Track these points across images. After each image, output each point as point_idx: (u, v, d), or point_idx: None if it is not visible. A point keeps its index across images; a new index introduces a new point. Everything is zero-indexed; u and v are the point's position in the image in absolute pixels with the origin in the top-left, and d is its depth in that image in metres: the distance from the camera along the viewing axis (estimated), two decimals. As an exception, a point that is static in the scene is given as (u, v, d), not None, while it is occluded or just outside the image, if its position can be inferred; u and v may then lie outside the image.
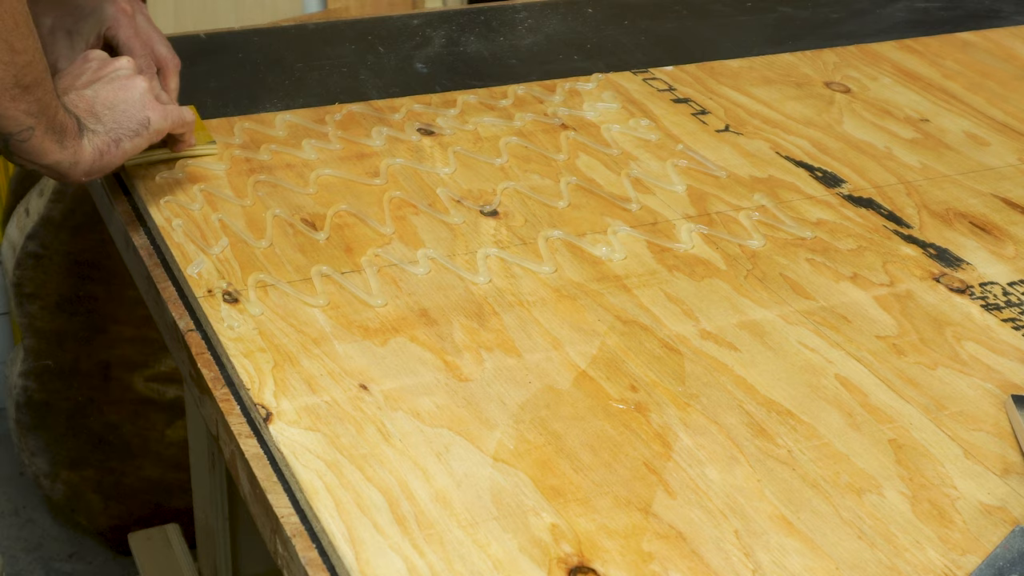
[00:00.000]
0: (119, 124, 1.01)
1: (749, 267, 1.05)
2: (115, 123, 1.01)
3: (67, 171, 0.98)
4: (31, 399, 1.97)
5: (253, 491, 0.84)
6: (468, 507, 0.79)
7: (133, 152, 1.03)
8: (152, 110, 1.04)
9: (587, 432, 0.86)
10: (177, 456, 1.95)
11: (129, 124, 1.02)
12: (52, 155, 0.96)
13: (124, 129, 1.01)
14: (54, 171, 0.98)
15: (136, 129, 1.02)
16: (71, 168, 0.98)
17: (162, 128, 1.05)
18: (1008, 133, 1.30)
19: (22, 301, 1.93)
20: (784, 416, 0.88)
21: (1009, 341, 0.98)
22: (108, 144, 1.00)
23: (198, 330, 0.96)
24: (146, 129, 1.03)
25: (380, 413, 0.86)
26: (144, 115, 1.03)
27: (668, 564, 0.76)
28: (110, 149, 1.00)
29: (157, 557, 1.78)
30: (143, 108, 1.03)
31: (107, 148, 1.00)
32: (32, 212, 1.92)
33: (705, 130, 1.27)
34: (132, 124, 1.02)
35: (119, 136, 1.01)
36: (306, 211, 1.09)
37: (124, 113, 1.02)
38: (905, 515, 0.80)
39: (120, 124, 1.01)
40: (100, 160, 1.00)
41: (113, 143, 1.01)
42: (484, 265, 1.03)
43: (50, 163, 0.96)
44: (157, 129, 1.04)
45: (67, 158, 0.97)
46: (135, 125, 1.02)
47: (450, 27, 1.49)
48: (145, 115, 1.03)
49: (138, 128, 1.02)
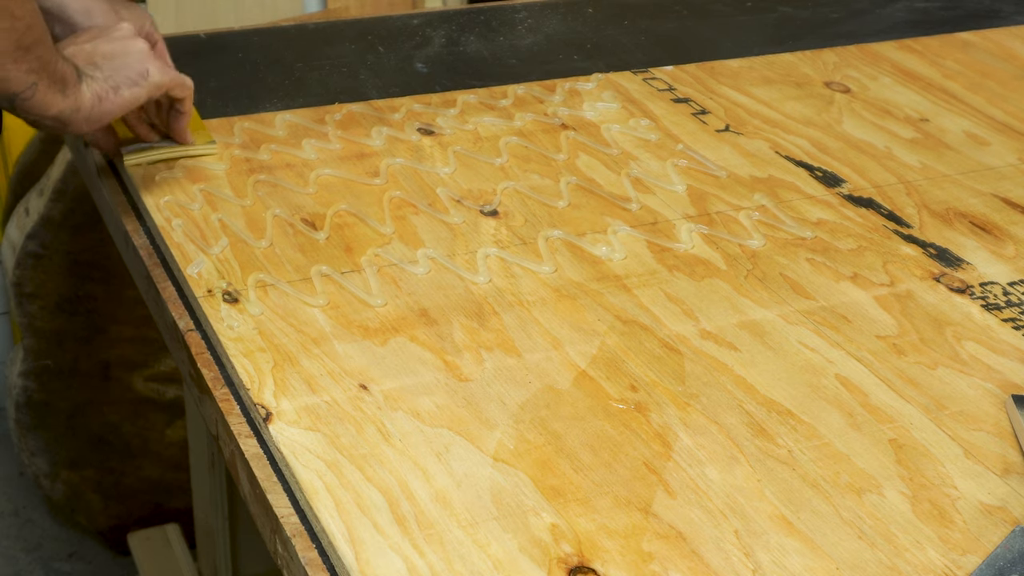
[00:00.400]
0: (117, 72, 1.03)
1: (749, 267, 1.05)
2: (113, 71, 1.03)
3: (70, 119, 1.00)
4: (31, 399, 1.97)
5: (253, 491, 0.84)
6: (468, 507, 0.79)
7: (132, 102, 1.04)
8: (151, 63, 1.05)
9: (587, 432, 0.86)
10: (177, 456, 1.95)
11: (128, 73, 1.04)
12: (56, 105, 0.98)
13: (122, 77, 1.03)
14: (59, 121, 1.00)
15: (135, 79, 1.04)
16: (73, 115, 1.00)
17: (161, 82, 1.06)
18: (1008, 133, 1.30)
19: (22, 301, 1.93)
20: (784, 416, 0.88)
21: (1009, 341, 0.98)
22: (106, 90, 1.02)
23: (198, 330, 0.96)
24: (145, 80, 1.04)
25: (380, 413, 0.86)
26: (143, 66, 1.05)
27: (668, 564, 0.76)
28: (108, 95, 1.02)
29: (157, 557, 1.78)
30: (142, 61, 1.05)
31: (105, 94, 1.02)
32: (32, 212, 1.91)
33: (705, 130, 1.27)
34: (131, 74, 1.04)
35: (117, 83, 1.03)
36: (306, 211, 1.09)
37: (123, 63, 1.04)
38: (905, 515, 0.80)
39: (118, 72, 1.03)
40: (99, 106, 1.02)
41: (112, 89, 1.02)
42: (484, 265, 1.03)
43: (55, 114, 0.99)
44: (156, 82, 1.06)
45: (69, 106, 0.99)
46: (134, 75, 1.04)
47: (450, 27, 1.49)
48: (144, 66, 1.05)
49: (136, 78, 1.04)
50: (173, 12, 2.11)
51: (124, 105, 1.04)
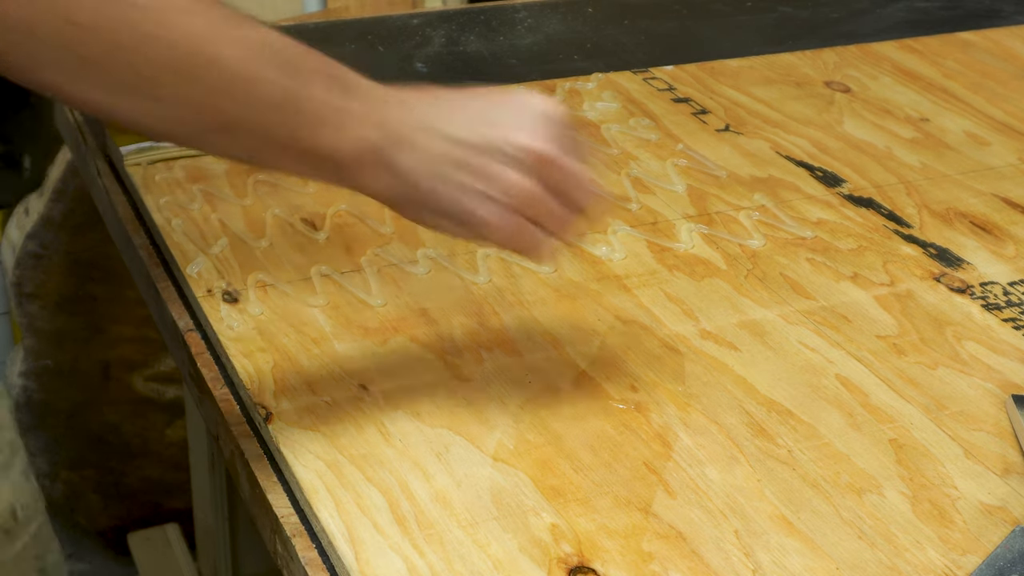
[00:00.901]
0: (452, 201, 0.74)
1: (749, 267, 1.05)
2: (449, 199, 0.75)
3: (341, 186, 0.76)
4: (31, 399, 1.96)
5: (253, 491, 0.84)
6: (468, 507, 0.79)
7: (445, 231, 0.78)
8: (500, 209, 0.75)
9: (587, 432, 0.86)
10: (177, 456, 1.95)
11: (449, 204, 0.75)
12: (305, 175, 0.78)
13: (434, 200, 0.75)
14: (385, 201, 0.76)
15: (456, 213, 0.75)
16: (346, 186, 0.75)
17: (493, 239, 0.77)
18: (1008, 133, 1.30)
19: (22, 301, 1.93)
20: (784, 416, 0.88)
21: (1009, 341, 0.98)
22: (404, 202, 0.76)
23: (198, 330, 0.96)
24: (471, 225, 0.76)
25: (380, 413, 0.86)
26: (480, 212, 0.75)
27: (668, 564, 0.76)
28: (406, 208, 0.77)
29: (157, 557, 1.78)
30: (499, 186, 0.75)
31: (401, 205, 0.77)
32: (32, 212, 1.91)
33: (705, 130, 1.27)
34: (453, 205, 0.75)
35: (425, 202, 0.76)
36: (306, 211, 1.09)
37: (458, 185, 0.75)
38: (905, 515, 0.80)
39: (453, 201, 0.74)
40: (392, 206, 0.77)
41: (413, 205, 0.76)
42: (484, 265, 1.03)
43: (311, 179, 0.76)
44: (486, 237, 0.77)
45: (330, 181, 0.76)
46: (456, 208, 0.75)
47: (450, 27, 1.49)
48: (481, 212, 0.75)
49: (460, 215, 0.75)
50: (173, 12, 2.11)
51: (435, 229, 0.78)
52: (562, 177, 0.74)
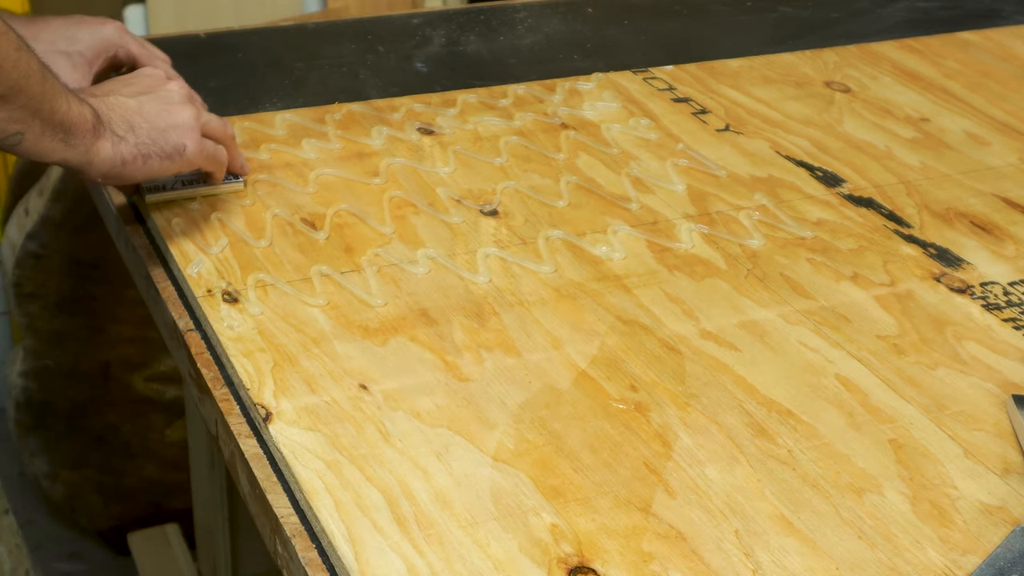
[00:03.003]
0: (154, 141, 0.99)
1: (749, 267, 1.05)
2: (150, 139, 0.98)
3: (81, 169, 0.95)
4: (31, 399, 1.97)
5: (253, 491, 0.84)
6: (468, 507, 0.79)
7: (160, 173, 1.00)
8: (191, 140, 1.00)
9: (587, 432, 0.86)
10: (177, 456, 1.95)
11: (164, 145, 0.99)
12: (56, 154, 0.93)
13: (158, 147, 0.98)
14: (67, 167, 0.96)
15: (169, 152, 0.99)
16: (85, 167, 0.95)
17: (195, 161, 1.02)
18: (1008, 133, 1.30)
19: (22, 301, 1.93)
20: (784, 416, 0.88)
21: (1009, 341, 0.98)
22: (135, 156, 0.97)
23: (198, 330, 0.96)
24: (180, 155, 1.00)
25: (380, 413, 0.86)
26: (181, 141, 1.00)
27: (668, 564, 0.76)
28: (135, 161, 0.97)
29: (157, 557, 1.78)
30: (183, 135, 1.00)
31: (132, 159, 0.97)
32: (32, 212, 1.92)
33: (705, 129, 1.27)
34: (167, 146, 0.99)
35: (149, 152, 0.98)
36: (306, 211, 1.09)
37: (162, 133, 0.99)
38: (905, 515, 0.80)
39: (155, 142, 0.99)
40: (121, 168, 0.97)
41: (141, 156, 0.97)
42: (484, 265, 1.03)
43: (57, 160, 0.94)
44: (190, 160, 1.01)
45: (77, 156, 0.94)
46: (169, 148, 0.99)
47: (450, 27, 1.49)
48: (183, 142, 1.00)
49: (171, 152, 0.99)
50: (173, 12, 2.11)
51: (149, 174, 0.99)
52: None
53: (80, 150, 0.94)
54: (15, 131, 0.90)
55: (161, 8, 2.10)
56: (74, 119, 0.93)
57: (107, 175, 0.97)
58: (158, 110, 1.00)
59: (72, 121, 0.93)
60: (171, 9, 2.11)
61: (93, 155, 0.95)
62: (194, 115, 1.02)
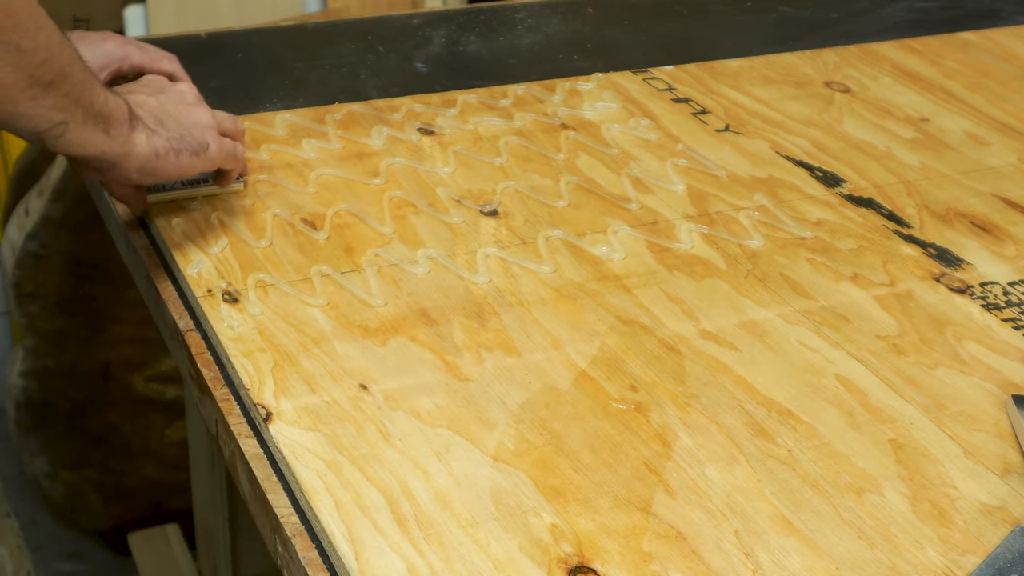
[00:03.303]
0: (182, 137, 0.99)
1: (749, 267, 1.05)
2: (179, 135, 0.99)
3: (118, 162, 0.94)
4: (31, 399, 1.97)
5: (253, 491, 0.84)
6: (468, 507, 0.79)
7: (188, 171, 1.00)
8: (212, 138, 1.02)
9: (587, 432, 0.86)
10: (177, 456, 1.95)
11: (191, 142, 0.99)
12: (97, 145, 0.92)
13: (186, 143, 0.99)
14: (104, 162, 0.94)
15: (196, 149, 0.99)
16: (123, 159, 0.94)
17: (216, 160, 1.02)
18: (1008, 133, 1.30)
19: (22, 301, 1.93)
20: (784, 416, 0.88)
21: (1009, 341, 0.98)
22: (168, 150, 0.97)
23: (198, 330, 0.96)
24: (205, 152, 1.00)
25: (380, 413, 0.86)
26: (205, 139, 1.00)
27: (668, 564, 0.76)
28: (168, 155, 0.97)
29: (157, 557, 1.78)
30: (204, 133, 1.01)
31: (166, 153, 0.97)
32: (32, 212, 1.92)
33: (705, 130, 1.27)
34: (194, 143, 0.99)
35: (180, 148, 0.98)
36: (306, 211, 1.09)
37: (188, 130, 1.00)
38: (905, 515, 0.80)
39: (183, 138, 0.99)
40: (155, 161, 0.96)
41: (173, 152, 0.98)
42: (484, 265, 1.03)
43: (97, 154, 0.93)
44: (212, 158, 1.01)
45: (115, 148, 0.93)
46: (196, 145, 0.99)
47: (450, 27, 1.49)
48: (206, 140, 1.00)
49: (198, 149, 1.00)
50: (173, 12, 2.11)
51: (180, 171, 0.99)
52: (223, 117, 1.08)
53: (119, 141, 0.94)
54: (60, 120, 0.89)
55: (161, 8, 2.10)
56: (112, 109, 0.93)
57: (143, 168, 0.96)
58: (178, 109, 1.01)
59: (111, 111, 0.93)
60: (171, 9, 2.11)
61: (131, 146, 0.95)
62: (210, 114, 1.03)
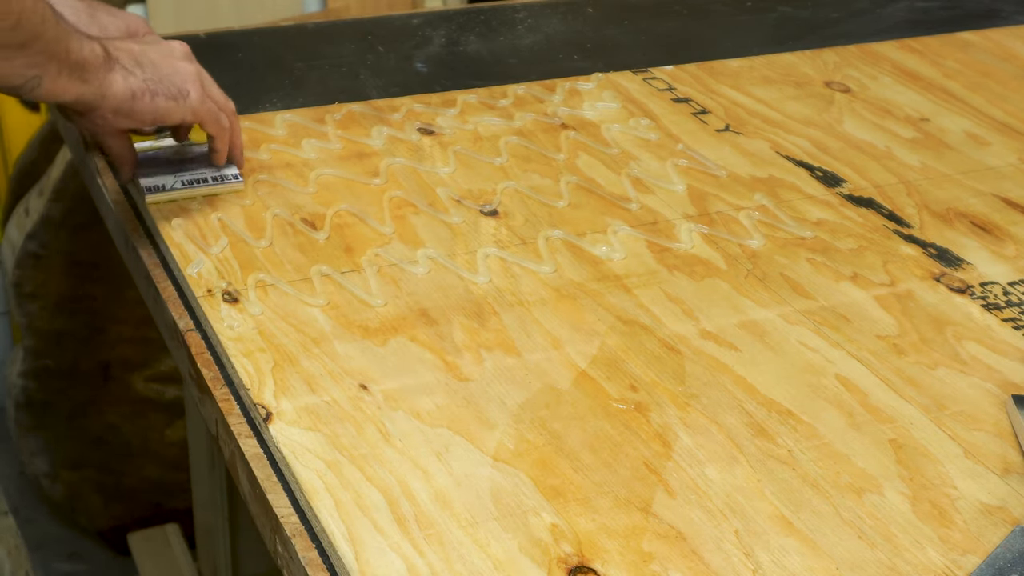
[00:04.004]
0: (159, 80, 1.01)
1: (749, 267, 1.05)
2: (156, 77, 1.00)
3: (95, 104, 0.98)
4: (31, 399, 1.97)
5: (253, 491, 0.84)
6: (468, 507, 0.79)
7: (165, 114, 1.01)
8: (194, 87, 1.03)
9: (587, 432, 0.86)
10: (177, 456, 1.95)
11: (169, 86, 1.01)
12: (73, 91, 0.96)
13: (163, 86, 1.01)
14: (82, 104, 0.98)
15: (174, 94, 1.01)
16: (99, 101, 0.98)
17: (198, 110, 1.04)
18: (1008, 133, 1.30)
19: (22, 301, 1.93)
20: (784, 416, 0.88)
21: (1009, 341, 0.98)
22: (144, 91, 0.99)
23: (198, 330, 0.96)
24: (184, 99, 1.02)
25: (380, 413, 0.86)
26: (186, 86, 1.02)
27: (668, 564, 0.76)
28: (144, 96, 1.00)
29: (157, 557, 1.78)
30: (186, 81, 1.02)
31: (141, 94, 0.99)
32: (32, 212, 1.92)
33: (705, 130, 1.27)
34: (171, 87, 1.01)
35: (157, 89, 1.00)
36: (306, 211, 1.09)
37: (167, 75, 1.01)
38: (905, 515, 0.80)
39: (160, 80, 1.01)
40: (131, 102, 0.99)
41: (149, 92, 1.00)
42: (484, 265, 1.03)
43: (73, 99, 0.96)
44: (193, 107, 1.03)
45: (92, 91, 0.97)
46: (174, 90, 1.01)
47: (450, 27, 1.49)
48: (187, 87, 1.02)
49: (176, 94, 1.01)
50: (173, 12, 2.11)
51: (156, 113, 1.01)
52: None
53: (94, 85, 0.97)
54: (34, 75, 0.93)
55: (161, 8, 2.10)
56: (87, 56, 0.96)
57: (118, 109, 0.99)
58: (161, 57, 1.02)
59: (85, 58, 0.96)
60: (171, 9, 2.11)
61: (107, 87, 0.98)
62: (196, 70, 1.04)
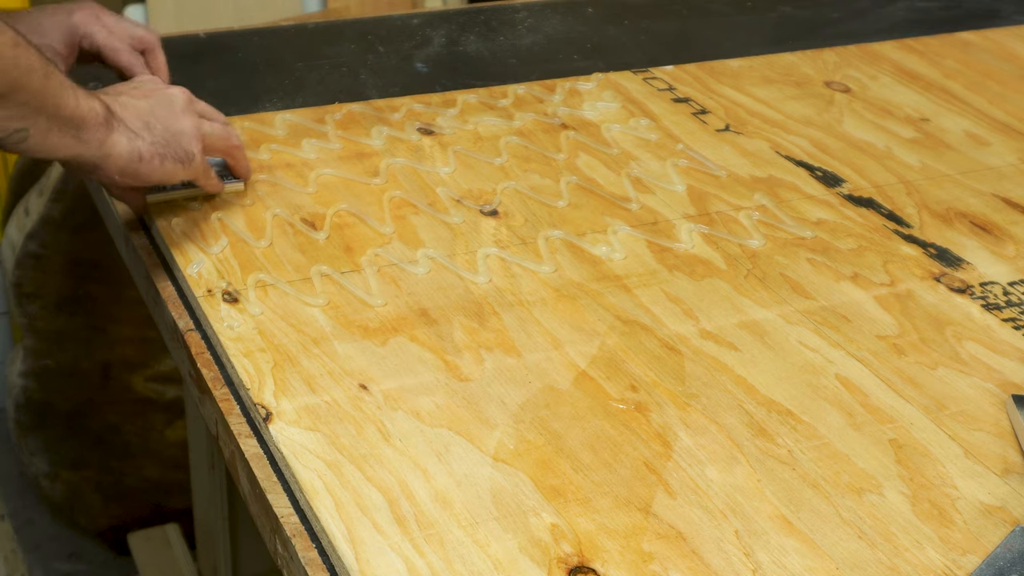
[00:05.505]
0: (168, 144, 0.99)
1: (749, 267, 1.05)
2: (165, 142, 0.99)
3: (97, 164, 0.95)
4: (31, 399, 1.96)
5: (253, 491, 0.84)
6: (468, 507, 0.79)
7: (172, 177, 1.00)
8: (198, 149, 1.02)
9: (587, 432, 0.86)
10: (177, 456, 1.95)
11: (177, 149, 1.00)
12: (68, 149, 0.92)
13: (172, 150, 0.99)
14: (83, 163, 0.95)
15: (182, 157, 1.00)
16: (102, 161, 0.95)
17: (197, 172, 1.03)
18: (1008, 133, 1.30)
19: (22, 301, 1.93)
20: (784, 416, 0.88)
21: (1009, 341, 0.98)
22: (152, 155, 0.98)
23: (198, 330, 0.96)
24: (190, 162, 1.01)
25: (380, 413, 0.86)
26: (191, 149, 1.01)
27: (668, 564, 0.76)
28: (152, 160, 0.98)
29: (157, 557, 1.78)
30: (192, 142, 1.01)
31: (150, 157, 0.98)
32: (32, 212, 1.92)
33: (705, 130, 1.27)
34: (179, 151, 1.00)
35: (165, 153, 0.99)
36: (306, 211, 1.09)
37: (175, 137, 1.00)
38: (905, 515, 0.80)
39: (170, 144, 0.99)
40: (138, 164, 0.97)
41: (158, 156, 0.98)
42: (484, 265, 1.03)
43: (70, 156, 0.94)
44: (195, 169, 1.02)
45: (91, 151, 0.94)
46: (182, 153, 1.00)
47: (450, 27, 1.49)
48: (192, 149, 1.01)
49: (184, 156, 1.00)
50: (173, 12, 2.11)
51: (164, 176, 0.99)
52: None
53: (94, 144, 0.94)
54: (17, 127, 0.89)
55: (161, 8, 2.10)
56: (84, 113, 0.92)
57: (124, 170, 0.97)
58: (167, 114, 1.01)
59: (82, 116, 0.92)
60: (171, 9, 2.11)
61: (109, 148, 0.95)
62: (196, 124, 1.03)
